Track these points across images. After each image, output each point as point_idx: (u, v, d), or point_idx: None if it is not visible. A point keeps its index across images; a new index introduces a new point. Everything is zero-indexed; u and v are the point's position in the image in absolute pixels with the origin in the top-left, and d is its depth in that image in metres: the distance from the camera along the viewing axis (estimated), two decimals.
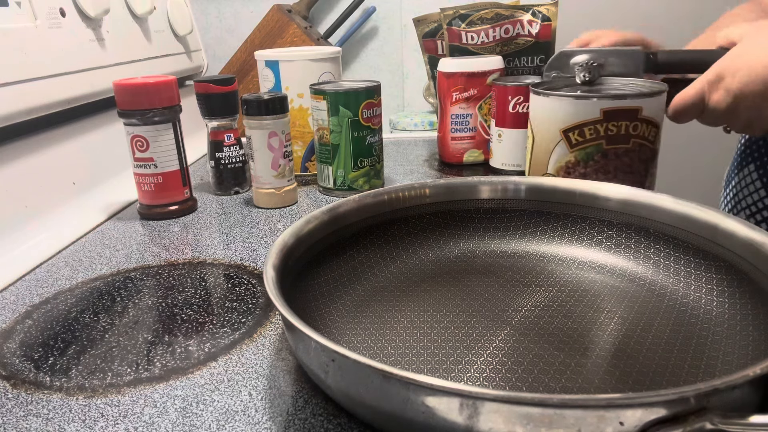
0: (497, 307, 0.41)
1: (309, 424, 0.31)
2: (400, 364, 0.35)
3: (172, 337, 0.40)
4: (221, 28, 1.39)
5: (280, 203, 0.65)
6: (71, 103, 0.68)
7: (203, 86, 0.67)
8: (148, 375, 0.36)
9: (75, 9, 0.70)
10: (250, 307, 0.44)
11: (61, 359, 0.38)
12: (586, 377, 0.33)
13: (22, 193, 0.59)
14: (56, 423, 0.32)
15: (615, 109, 0.47)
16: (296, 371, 0.36)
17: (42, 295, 0.47)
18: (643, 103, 0.47)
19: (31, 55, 0.61)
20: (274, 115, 0.62)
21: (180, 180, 0.63)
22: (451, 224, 0.50)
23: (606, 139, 0.48)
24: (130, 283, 0.49)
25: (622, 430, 0.24)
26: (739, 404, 0.25)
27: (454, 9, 0.77)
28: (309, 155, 0.74)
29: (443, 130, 0.77)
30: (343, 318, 0.40)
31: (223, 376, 0.36)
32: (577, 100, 0.48)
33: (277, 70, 0.71)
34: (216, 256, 0.53)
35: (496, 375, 0.34)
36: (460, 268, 0.47)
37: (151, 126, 0.60)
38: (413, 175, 0.75)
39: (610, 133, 0.47)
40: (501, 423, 0.25)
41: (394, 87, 1.38)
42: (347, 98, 0.64)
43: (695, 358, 0.35)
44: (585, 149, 0.48)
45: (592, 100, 0.47)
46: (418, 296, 0.43)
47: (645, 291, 0.42)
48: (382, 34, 1.36)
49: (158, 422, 0.32)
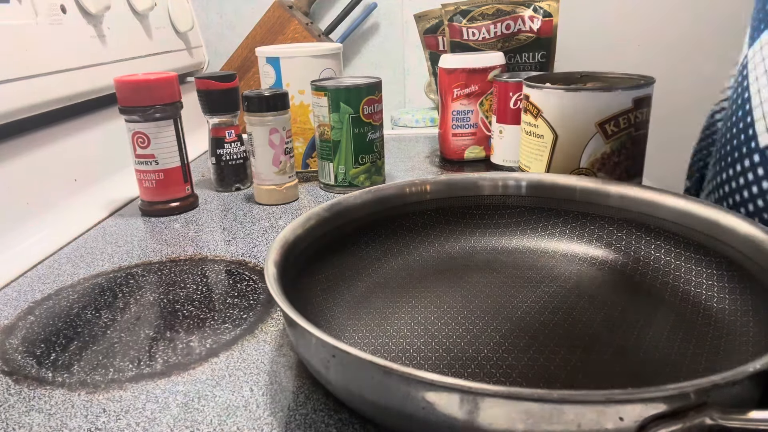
0: (498, 303, 0.41)
1: (310, 420, 0.31)
2: (400, 360, 0.35)
3: (174, 333, 0.41)
4: (222, 25, 1.39)
5: (281, 200, 0.65)
6: (72, 100, 0.68)
7: (204, 83, 0.67)
8: (150, 371, 0.36)
9: (76, 5, 0.70)
10: (251, 303, 0.44)
11: (63, 355, 0.38)
12: (587, 373, 0.33)
13: (23, 190, 0.59)
14: (58, 418, 0.32)
15: (642, 96, 0.50)
16: (297, 367, 0.36)
17: (44, 291, 0.48)
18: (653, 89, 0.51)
19: (32, 51, 0.61)
20: (275, 112, 0.62)
21: (181, 176, 0.63)
22: (452, 220, 0.50)
23: (635, 126, 0.50)
24: (132, 279, 0.49)
25: (621, 425, 0.24)
26: (739, 400, 0.25)
27: (455, 5, 0.77)
28: (310, 152, 0.74)
29: (444, 127, 0.77)
30: (344, 314, 0.41)
31: (224, 372, 0.36)
32: (611, 93, 0.49)
33: (278, 67, 0.71)
34: (217, 253, 0.53)
35: (497, 371, 0.34)
36: (460, 264, 0.47)
37: (152, 122, 0.60)
38: (414, 171, 0.75)
39: (637, 120, 0.50)
40: (501, 419, 0.25)
41: (396, 83, 1.38)
42: (348, 95, 0.64)
43: (695, 354, 0.35)
44: (619, 138, 0.50)
45: (624, 91, 0.49)
46: (419, 292, 0.43)
47: (646, 287, 0.42)
48: (384, 30, 1.36)
49: (160, 417, 0.32)
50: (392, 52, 1.37)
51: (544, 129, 0.52)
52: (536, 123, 0.52)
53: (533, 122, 0.53)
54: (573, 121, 0.50)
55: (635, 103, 0.49)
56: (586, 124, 0.50)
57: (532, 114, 0.53)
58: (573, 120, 0.50)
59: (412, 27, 1.29)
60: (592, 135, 0.50)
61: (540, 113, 0.52)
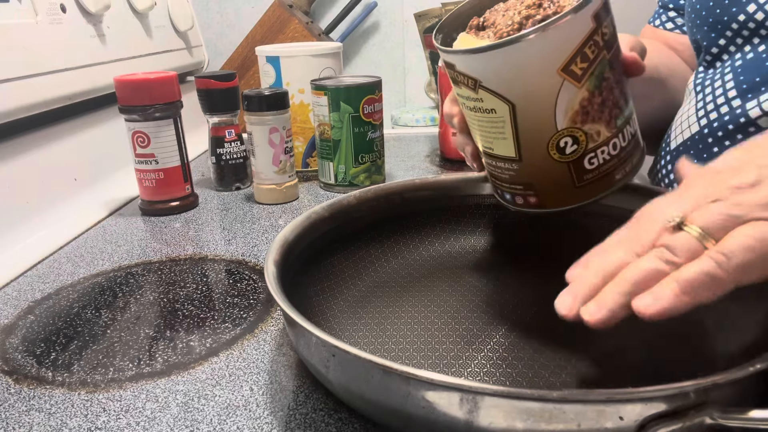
0: (498, 303, 0.41)
1: (310, 419, 0.31)
2: (400, 359, 0.35)
3: (174, 332, 0.41)
4: (222, 24, 1.39)
5: (281, 199, 0.65)
6: (72, 99, 0.68)
7: (204, 82, 0.67)
8: (150, 370, 0.36)
9: (75, 5, 0.70)
10: (251, 302, 0.44)
11: (63, 354, 0.38)
12: (587, 372, 0.33)
13: (23, 190, 0.59)
14: (58, 418, 0.32)
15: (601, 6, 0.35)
16: (297, 366, 0.36)
17: (44, 290, 0.48)
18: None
19: (31, 51, 0.61)
20: (275, 111, 0.62)
21: (181, 176, 0.63)
22: (452, 220, 0.50)
23: (605, 47, 0.36)
24: (132, 278, 0.49)
25: (621, 424, 0.24)
26: (739, 399, 0.25)
27: (456, 4, 0.77)
28: (310, 151, 0.74)
29: (444, 126, 0.77)
30: (344, 313, 0.41)
31: (224, 371, 0.36)
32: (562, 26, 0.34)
33: (278, 66, 0.71)
34: (217, 252, 0.53)
35: (497, 370, 0.34)
36: (460, 263, 0.47)
37: (152, 122, 0.60)
38: (414, 170, 0.75)
39: (606, 38, 0.36)
40: (501, 418, 0.25)
41: (396, 82, 1.38)
42: (348, 94, 0.64)
43: (695, 353, 0.35)
44: (593, 72, 0.36)
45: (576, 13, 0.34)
46: (418, 292, 0.43)
47: None
48: (384, 29, 1.36)
49: (160, 417, 0.32)
50: (392, 51, 1.37)
51: (493, 101, 0.36)
52: (478, 96, 0.37)
53: (473, 96, 0.37)
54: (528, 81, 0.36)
55: (596, 20, 0.34)
56: (546, 77, 0.35)
57: (467, 86, 0.37)
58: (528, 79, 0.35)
59: (413, 26, 1.29)
60: (559, 86, 0.36)
61: (479, 83, 0.36)
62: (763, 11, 0.47)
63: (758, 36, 0.49)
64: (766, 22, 0.47)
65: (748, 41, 0.49)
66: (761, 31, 0.48)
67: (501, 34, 0.36)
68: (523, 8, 0.36)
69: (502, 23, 0.37)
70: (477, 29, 0.39)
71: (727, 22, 0.50)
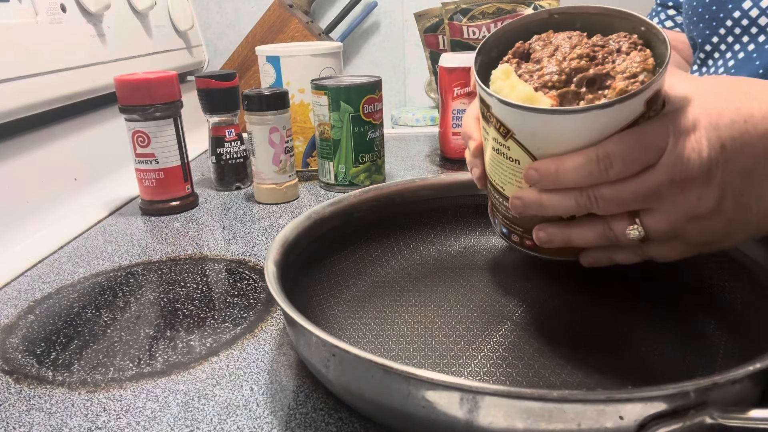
0: (498, 303, 0.41)
1: (310, 419, 0.31)
2: (400, 359, 0.35)
3: (174, 332, 0.41)
4: (222, 24, 1.39)
5: (282, 199, 0.65)
6: (72, 99, 0.68)
7: (204, 82, 0.67)
8: (150, 370, 0.36)
9: (76, 4, 0.70)
10: (251, 302, 0.44)
11: (64, 354, 0.38)
12: (587, 372, 0.33)
13: (23, 189, 0.59)
14: (59, 417, 0.32)
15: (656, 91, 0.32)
16: (297, 366, 0.36)
17: (44, 290, 0.48)
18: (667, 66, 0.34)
19: (32, 50, 0.61)
20: (275, 111, 0.62)
21: (181, 175, 0.63)
22: (452, 220, 0.50)
23: None
24: (132, 278, 0.49)
25: (621, 424, 0.24)
26: (739, 399, 0.25)
27: (456, 4, 0.77)
28: (310, 151, 0.74)
29: (445, 126, 0.77)
30: (344, 313, 0.41)
31: (224, 371, 0.36)
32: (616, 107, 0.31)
33: (278, 66, 0.71)
34: (217, 252, 0.53)
35: (497, 370, 0.34)
36: (460, 263, 0.47)
37: (152, 121, 0.60)
38: (414, 170, 0.75)
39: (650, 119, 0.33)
40: (501, 417, 0.25)
41: (396, 82, 1.38)
42: (348, 93, 0.64)
43: (696, 353, 0.35)
44: None
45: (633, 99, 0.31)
46: (418, 291, 0.43)
47: (646, 285, 0.42)
48: (384, 29, 1.36)
49: (160, 416, 0.32)
50: (392, 50, 1.37)
51: (519, 153, 0.35)
52: (506, 144, 0.35)
53: (501, 141, 0.35)
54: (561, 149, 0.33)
55: (647, 104, 0.32)
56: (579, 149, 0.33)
57: (497, 131, 0.35)
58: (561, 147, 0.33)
59: (413, 26, 1.29)
60: None
61: (511, 134, 0.34)
62: (758, 7, 0.47)
63: (748, 34, 0.49)
64: (758, 19, 0.48)
65: (739, 39, 0.50)
66: (752, 29, 0.48)
67: (545, 81, 0.34)
68: (575, 56, 0.34)
69: (549, 68, 0.34)
70: (521, 58, 0.36)
71: (723, 19, 0.50)
